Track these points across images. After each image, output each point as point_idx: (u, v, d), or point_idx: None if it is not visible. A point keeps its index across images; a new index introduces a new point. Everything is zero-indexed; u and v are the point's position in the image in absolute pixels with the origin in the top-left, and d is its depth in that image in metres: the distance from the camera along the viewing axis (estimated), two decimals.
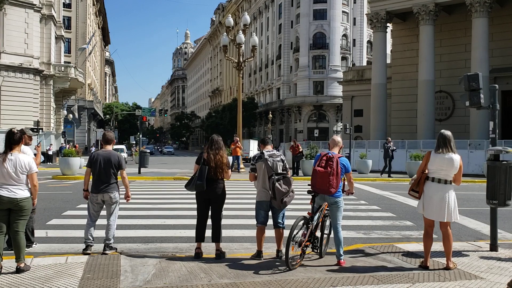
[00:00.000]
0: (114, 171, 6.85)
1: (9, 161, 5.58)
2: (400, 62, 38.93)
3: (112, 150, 7.06)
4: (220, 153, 6.68)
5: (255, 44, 26.35)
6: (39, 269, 5.80)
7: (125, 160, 7.21)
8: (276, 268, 6.02)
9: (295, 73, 70.39)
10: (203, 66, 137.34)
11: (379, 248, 7.28)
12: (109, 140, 7.06)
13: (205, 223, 6.75)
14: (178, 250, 7.31)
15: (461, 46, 34.84)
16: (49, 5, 38.69)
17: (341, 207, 6.31)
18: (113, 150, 7.06)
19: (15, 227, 5.65)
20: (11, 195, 5.56)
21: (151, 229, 9.02)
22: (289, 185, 6.39)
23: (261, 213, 6.62)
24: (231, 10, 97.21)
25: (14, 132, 5.76)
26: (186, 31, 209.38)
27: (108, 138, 7.06)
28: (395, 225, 9.83)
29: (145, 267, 6.01)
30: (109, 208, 6.94)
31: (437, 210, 5.91)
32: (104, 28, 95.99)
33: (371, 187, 17.92)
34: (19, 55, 32.92)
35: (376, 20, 36.64)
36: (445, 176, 5.92)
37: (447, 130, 6.16)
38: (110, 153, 6.90)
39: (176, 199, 13.50)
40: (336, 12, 67.51)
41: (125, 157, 34.78)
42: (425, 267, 6.04)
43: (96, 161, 6.79)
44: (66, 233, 8.57)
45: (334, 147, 6.56)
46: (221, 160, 6.64)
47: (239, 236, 8.45)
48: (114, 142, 7.17)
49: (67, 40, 57.66)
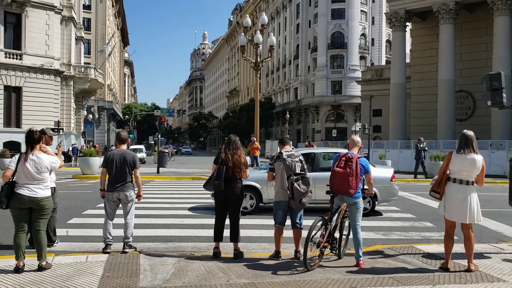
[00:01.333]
0: (129, 170, 6.93)
1: (30, 161, 5.66)
2: (420, 62, 38.48)
3: (127, 149, 7.15)
4: (238, 153, 6.69)
5: (273, 44, 26.29)
6: (60, 267, 5.88)
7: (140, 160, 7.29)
8: (294, 269, 6.00)
9: (313, 72, 70.10)
10: (220, 66, 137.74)
11: (398, 249, 7.20)
12: (123, 139, 7.14)
13: (223, 222, 6.76)
14: (196, 250, 7.35)
15: (482, 45, 34.29)
16: (69, 7, 39.24)
17: (361, 208, 6.26)
18: (127, 149, 7.15)
19: (36, 226, 5.74)
20: (31, 194, 5.65)
21: (169, 229, 9.08)
22: (308, 186, 6.37)
23: (279, 213, 6.61)
24: (249, 10, 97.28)
25: (33, 131, 5.85)
26: (204, 31, 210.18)
27: (122, 138, 7.15)
28: (414, 226, 9.71)
29: (164, 266, 6.05)
30: (125, 207, 7.03)
31: (458, 211, 5.81)
32: (123, 29, 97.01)
33: None
34: (40, 56, 33.43)
35: (395, 19, 36.30)
36: (466, 177, 5.82)
37: (468, 130, 6.06)
38: (125, 152, 6.99)
39: (194, 199, 13.57)
40: (355, 11, 67.05)
41: (144, 157, 35.08)
42: (446, 269, 5.94)
43: (112, 161, 6.88)
44: (86, 232, 8.68)
45: (353, 148, 6.51)
46: (239, 160, 6.65)
47: (257, 236, 8.45)
48: (128, 141, 7.25)
49: (87, 42, 58.42)
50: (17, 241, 5.65)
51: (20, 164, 5.65)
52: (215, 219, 6.81)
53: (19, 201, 5.62)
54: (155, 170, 24.38)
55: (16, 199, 5.62)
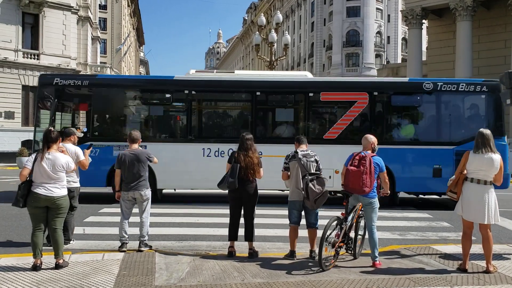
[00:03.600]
0: (143, 168, 6.99)
1: (46, 160, 5.72)
2: (437, 59, 37.97)
3: (138, 148, 7.19)
4: (250, 154, 6.64)
5: (287, 43, 26.26)
6: (77, 265, 5.95)
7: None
8: (309, 269, 5.97)
9: (328, 71, 69.73)
10: (235, 65, 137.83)
11: (415, 249, 7.12)
12: (134, 139, 7.20)
13: (237, 222, 6.76)
14: (211, 249, 7.36)
15: (501, 42, 33.71)
16: (85, 7, 39.66)
17: (376, 208, 6.20)
18: (139, 148, 7.20)
19: (53, 225, 5.80)
20: (48, 193, 5.71)
21: (184, 227, 9.11)
22: (323, 186, 6.32)
23: (294, 212, 6.59)
24: (263, 9, 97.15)
25: (51, 130, 5.92)
26: (218, 30, 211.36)
27: (133, 137, 7.21)
28: (431, 226, 9.60)
29: (179, 264, 6.07)
30: (140, 206, 7.08)
31: (476, 211, 5.72)
32: (139, 28, 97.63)
33: None
34: (57, 56, 33.84)
35: (411, 16, 35.90)
36: (484, 176, 5.73)
37: (485, 128, 5.96)
38: (137, 152, 7.05)
39: (208, 196, 13.59)
40: (370, 9, 66.52)
41: None
42: (464, 270, 5.86)
43: (124, 161, 6.95)
44: (103, 230, 8.75)
45: (367, 147, 6.43)
46: (251, 161, 6.61)
47: (271, 235, 8.43)
48: (139, 141, 7.31)
49: (103, 41, 58.93)
50: (34, 239, 5.72)
51: (36, 163, 5.72)
52: (229, 218, 6.81)
53: (35, 200, 5.69)
54: None
55: (32, 198, 5.69)
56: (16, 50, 31.91)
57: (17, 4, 31.78)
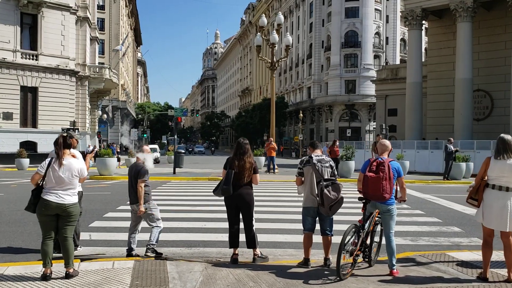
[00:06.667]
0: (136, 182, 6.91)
1: (63, 166, 5.58)
2: (436, 60, 37.93)
3: (138, 161, 7.06)
4: (244, 158, 6.55)
5: (289, 44, 26.12)
6: (87, 274, 5.78)
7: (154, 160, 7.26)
8: (326, 278, 5.82)
9: (326, 72, 69.72)
10: (233, 66, 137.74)
11: (430, 256, 6.98)
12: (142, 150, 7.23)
13: (236, 228, 6.65)
14: (222, 255, 7.21)
15: (501, 43, 33.70)
16: (84, 7, 39.44)
17: (394, 215, 6.05)
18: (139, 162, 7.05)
19: (63, 233, 5.63)
20: (59, 200, 5.55)
21: (192, 233, 8.95)
22: (338, 192, 6.17)
23: (308, 219, 6.44)
24: (262, 9, 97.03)
25: (67, 136, 5.78)
26: (216, 31, 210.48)
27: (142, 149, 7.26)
28: (442, 231, 9.46)
29: (192, 273, 5.91)
30: (145, 218, 7.02)
31: (498, 219, 5.58)
32: (136, 29, 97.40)
33: (411, 190, 17.42)
34: (55, 56, 33.64)
35: (411, 17, 35.82)
36: (506, 183, 5.58)
37: (507, 134, 5.83)
38: (135, 165, 7.04)
39: (214, 201, 13.37)
40: (369, 10, 66.51)
41: (158, 157, 35.15)
42: (484, 279, 5.72)
43: (128, 174, 7.03)
44: (109, 235, 8.60)
45: (384, 152, 6.28)
46: (244, 166, 6.52)
47: (281, 241, 8.26)
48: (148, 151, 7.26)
49: (101, 42, 58.71)
50: (45, 248, 5.56)
51: (50, 169, 5.55)
52: (228, 226, 6.71)
53: (46, 207, 5.53)
54: (171, 171, 24.30)
55: (43, 205, 5.53)
56: (14, 50, 31.71)
57: (16, 4, 31.57)
